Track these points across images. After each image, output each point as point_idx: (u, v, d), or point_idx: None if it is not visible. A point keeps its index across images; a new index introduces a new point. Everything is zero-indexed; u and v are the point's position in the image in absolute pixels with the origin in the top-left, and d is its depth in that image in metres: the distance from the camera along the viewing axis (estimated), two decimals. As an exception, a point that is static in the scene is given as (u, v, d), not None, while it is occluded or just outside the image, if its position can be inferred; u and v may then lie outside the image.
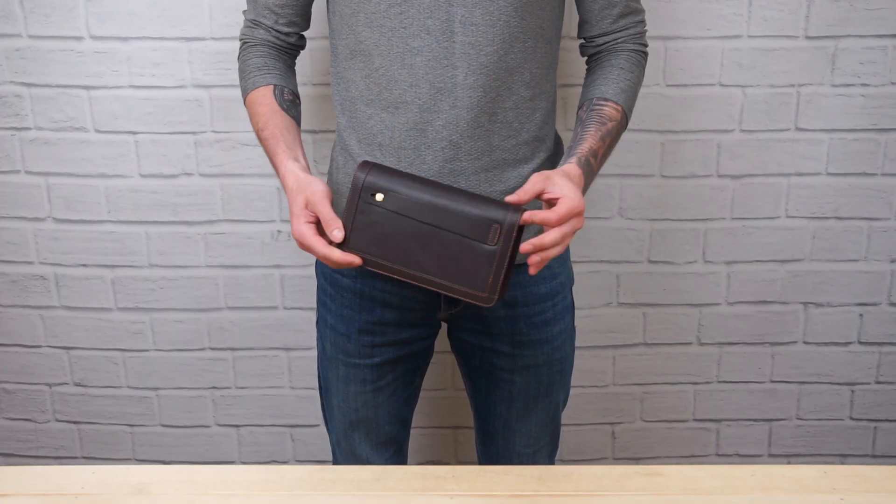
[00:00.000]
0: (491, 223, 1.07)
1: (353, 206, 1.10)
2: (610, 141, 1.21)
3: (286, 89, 1.27)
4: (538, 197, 1.09)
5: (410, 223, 1.09)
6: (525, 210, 1.08)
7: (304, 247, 1.12)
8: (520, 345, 1.32)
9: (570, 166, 1.14)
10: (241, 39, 1.31)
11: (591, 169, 1.17)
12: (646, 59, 1.29)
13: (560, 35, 1.29)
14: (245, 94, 1.28)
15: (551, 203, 1.08)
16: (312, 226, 1.12)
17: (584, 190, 1.14)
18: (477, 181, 1.21)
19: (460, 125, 1.18)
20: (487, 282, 1.08)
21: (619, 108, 1.23)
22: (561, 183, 1.08)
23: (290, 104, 1.27)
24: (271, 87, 1.25)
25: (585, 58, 1.31)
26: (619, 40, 1.26)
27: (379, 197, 1.09)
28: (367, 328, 1.31)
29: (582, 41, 1.30)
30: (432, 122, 1.18)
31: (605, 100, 1.22)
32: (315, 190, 1.12)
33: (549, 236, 1.06)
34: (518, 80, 1.20)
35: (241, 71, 1.30)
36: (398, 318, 1.30)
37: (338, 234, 1.09)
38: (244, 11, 1.31)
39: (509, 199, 1.07)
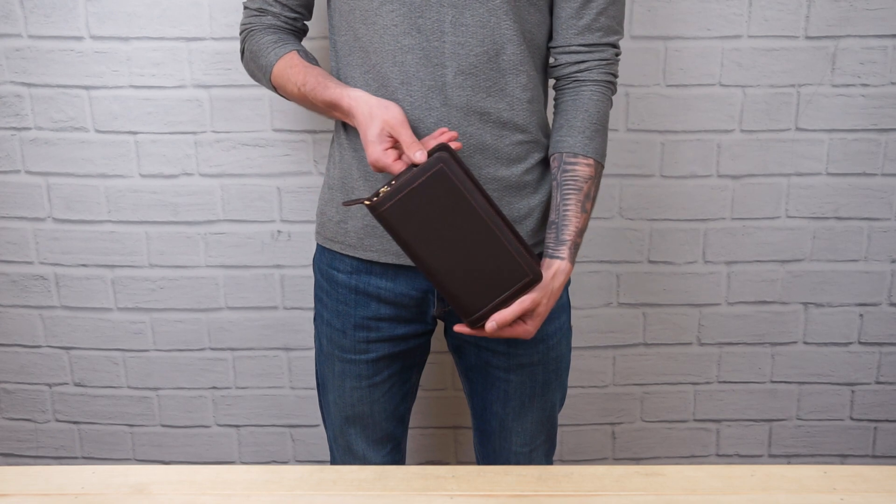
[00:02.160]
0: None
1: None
2: (591, 205, 1.23)
3: (308, 53, 1.27)
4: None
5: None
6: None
7: (380, 171, 1.14)
8: (515, 343, 1.32)
9: (564, 267, 1.20)
10: (244, 28, 1.30)
11: (578, 248, 1.23)
12: (613, 90, 1.26)
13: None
14: (268, 69, 1.26)
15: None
16: (393, 152, 1.12)
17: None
18: None
19: (451, 123, 1.19)
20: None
21: (592, 163, 1.22)
22: (539, 316, 1.18)
23: (316, 63, 1.27)
24: (294, 51, 1.25)
25: (553, 81, 1.28)
26: (583, 66, 1.23)
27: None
28: (362, 323, 1.31)
29: (551, 60, 1.27)
30: (424, 119, 1.19)
31: (576, 155, 1.22)
32: (395, 114, 1.12)
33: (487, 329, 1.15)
34: (514, 82, 1.20)
35: (256, 53, 1.27)
36: (393, 314, 1.31)
37: (419, 155, 1.09)
38: (245, 2, 1.31)
39: (500, 330, 1.16)
